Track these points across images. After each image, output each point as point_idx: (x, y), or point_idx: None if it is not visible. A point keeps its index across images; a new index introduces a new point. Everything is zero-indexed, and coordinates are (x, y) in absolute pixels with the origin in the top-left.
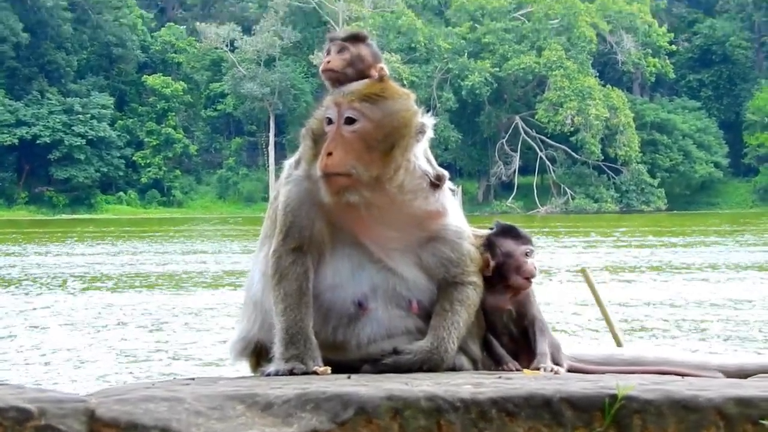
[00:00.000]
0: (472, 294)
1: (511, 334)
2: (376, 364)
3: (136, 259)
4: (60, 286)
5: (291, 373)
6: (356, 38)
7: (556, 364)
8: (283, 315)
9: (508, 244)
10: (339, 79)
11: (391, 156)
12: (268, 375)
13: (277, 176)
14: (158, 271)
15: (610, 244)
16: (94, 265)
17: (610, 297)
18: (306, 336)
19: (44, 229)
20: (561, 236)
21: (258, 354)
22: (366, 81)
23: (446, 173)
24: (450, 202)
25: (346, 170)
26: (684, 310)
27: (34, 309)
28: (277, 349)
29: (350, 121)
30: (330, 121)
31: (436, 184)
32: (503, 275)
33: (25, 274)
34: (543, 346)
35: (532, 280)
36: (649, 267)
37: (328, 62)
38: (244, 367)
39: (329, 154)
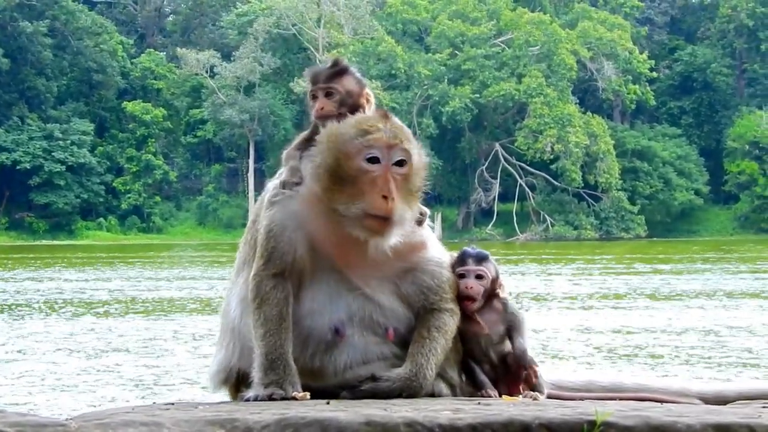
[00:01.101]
0: (449, 320)
1: (491, 362)
2: (355, 391)
3: (121, 284)
4: (43, 311)
5: (270, 398)
6: (339, 74)
7: (536, 390)
8: (263, 340)
9: (453, 269)
10: (333, 119)
11: (417, 196)
12: (248, 400)
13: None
14: (142, 296)
15: (597, 271)
16: (78, 291)
17: (601, 324)
18: (285, 362)
19: (25, 255)
20: (548, 263)
21: (238, 382)
22: (386, 115)
23: (427, 210)
24: (429, 234)
25: (401, 215)
26: (668, 337)
27: (17, 334)
28: (256, 374)
29: (401, 163)
30: (375, 161)
31: (419, 219)
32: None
33: (9, 299)
34: (521, 344)
35: (471, 301)
36: (638, 294)
37: (322, 109)
38: (223, 395)
39: (392, 198)
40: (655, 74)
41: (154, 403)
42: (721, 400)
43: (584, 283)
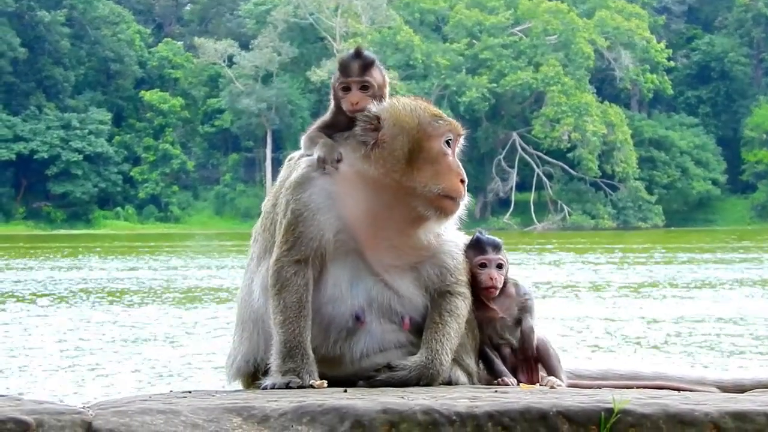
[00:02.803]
0: (461, 305)
1: (510, 345)
2: (371, 381)
3: (140, 273)
4: (61, 300)
5: (287, 386)
6: (370, 65)
7: (556, 376)
8: (282, 327)
9: (469, 256)
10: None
11: None
12: (265, 388)
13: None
14: (160, 285)
15: (618, 260)
16: (95, 280)
17: (622, 312)
18: (304, 350)
19: (43, 244)
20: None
21: (258, 373)
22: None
23: None
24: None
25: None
26: (687, 324)
27: (36, 322)
28: (274, 362)
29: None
30: (449, 145)
31: None
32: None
33: (26, 288)
34: (529, 323)
35: (494, 290)
36: (660, 283)
37: (357, 103)
38: (238, 385)
39: (464, 181)
40: (672, 63)
41: (171, 391)
42: (739, 388)
43: (606, 272)
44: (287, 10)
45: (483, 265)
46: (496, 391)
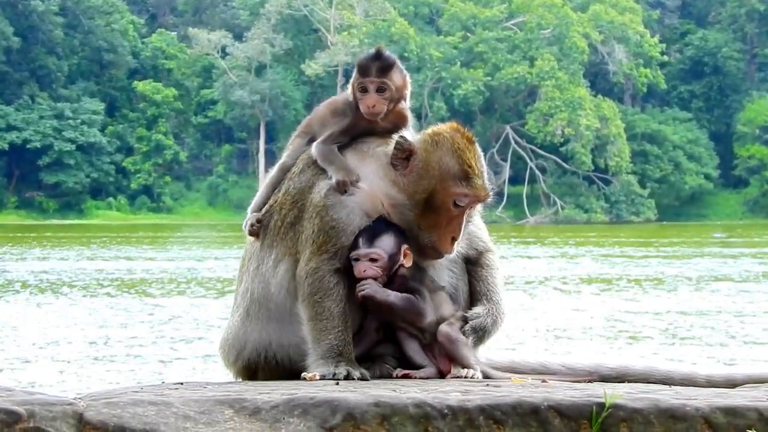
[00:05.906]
0: (494, 258)
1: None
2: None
3: (134, 264)
4: (54, 289)
5: (346, 378)
6: (390, 67)
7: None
8: (331, 333)
9: None
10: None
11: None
12: (323, 377)
13: None
14: (152, 276)
15: (609, 253)
16: (91, 270)
17: (615, 306)
18: (350, 352)
19: (35, 234)
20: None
21: (257, 367)
22: (472, 141)
23: None
24: None
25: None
26: (682, 319)
27: (28, 313)
28: (315, 362)
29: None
30: (460, 206)
31: None
32: None
33: (19, 278)
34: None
35: (363, 292)
36: (653, 278)
37: (374, 106)
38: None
39: (458, 241)
40: (666, 58)
41: (162, 382)
42: (730, 384)
43: (598, 266)
44: (281, 2)
45: (356, 259)
46: (487, 385)
